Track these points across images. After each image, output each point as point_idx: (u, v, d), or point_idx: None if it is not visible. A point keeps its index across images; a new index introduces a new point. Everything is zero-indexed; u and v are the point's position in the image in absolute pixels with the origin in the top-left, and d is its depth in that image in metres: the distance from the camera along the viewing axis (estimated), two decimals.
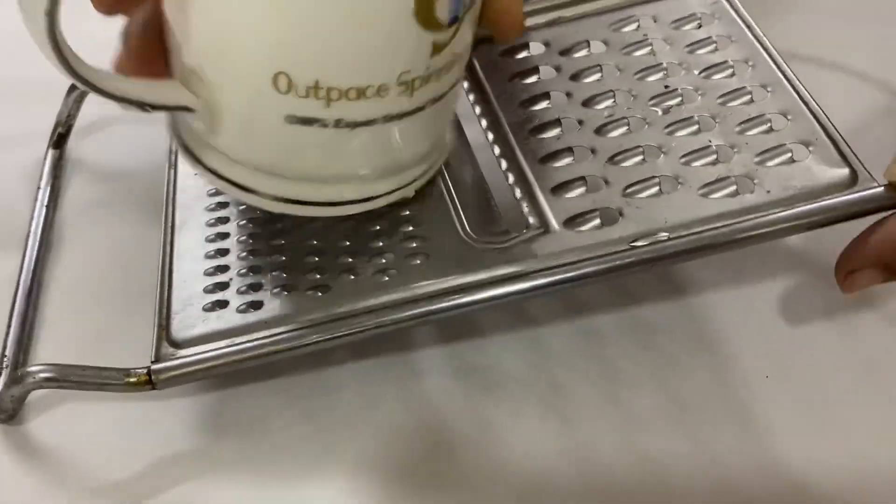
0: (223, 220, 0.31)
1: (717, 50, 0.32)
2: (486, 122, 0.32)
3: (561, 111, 0.31)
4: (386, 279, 0.28)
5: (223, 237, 0.31)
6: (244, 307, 0.28)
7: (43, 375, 0.27)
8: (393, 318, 0.27)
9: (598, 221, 0.28)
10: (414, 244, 0.29)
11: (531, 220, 0.29)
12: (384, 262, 0.29)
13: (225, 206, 0.32)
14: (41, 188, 0.35)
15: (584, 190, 0.29)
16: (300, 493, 0.27)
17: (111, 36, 0.26)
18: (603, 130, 0.31)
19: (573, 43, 0.33)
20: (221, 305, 0.28)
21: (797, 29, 0.40)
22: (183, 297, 0.29)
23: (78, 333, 0.31)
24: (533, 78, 0.33)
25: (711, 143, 0.29)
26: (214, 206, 0.32)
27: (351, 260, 0.29)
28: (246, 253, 0.30)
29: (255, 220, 0.31)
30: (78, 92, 0.37)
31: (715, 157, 0.29)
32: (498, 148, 0.31)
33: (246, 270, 0.29)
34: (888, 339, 0.30)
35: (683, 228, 0.27)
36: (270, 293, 0.29)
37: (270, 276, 0.29)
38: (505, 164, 0.30)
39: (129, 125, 0.38)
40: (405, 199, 0.29)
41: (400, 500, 0.27)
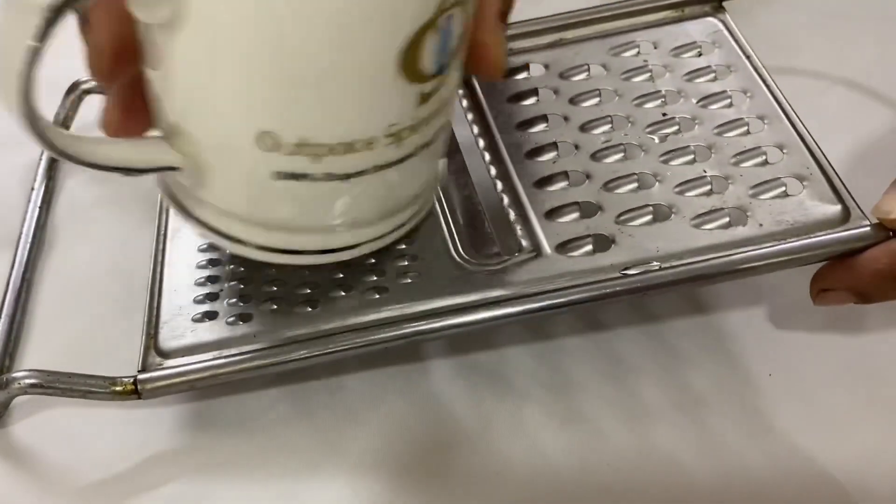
0: None
1: (716, 79, 0.32)
2: (483, 142, 0.32)
3: (558, 135, 0.32)
4: (377, 297, 0.28)
5: (216, 248, 0.31)
6: (233, 319, 0.28)
7: (28, 382, 0.27)
8: (381, 336, 0.27)
9: (590, 247, 0.28)
10: (406, 263, 0.29)
11: (524, 243, 0.29)
12: (376, 279, 0.29)
13: None
14: (35, 189, 0.35)
15: (577, 215, 0.29)
16: (301, 491, 0.27)
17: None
18: (599, 156, 0.31)
19: (573, 66, 0.34)
20: (210, 317, 0.28)
21: (796, 42, 0.40)
22: (172, 306, 0.29)
23: (66, 338, 0.31)
24: (531, 100, 0.33)
25: (706, 173, 0.30)
26: None
27: (342, 276, 0.29)
28: (237, 265, 0.30)
29: None
30: (76, 93, 0.37)
31: (709, 187, 0.29)
32: (494, 169, 0.31)
33: (236, 282, 0.29)
34: (890, 338, 0.30)
35: (675, 258, 0.27)
36: (260, 306, 0.28)
37: (261, 289, 0.29)
38: (500, 185, 0.30)
39: None
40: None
41: (403, 497, 0.27)
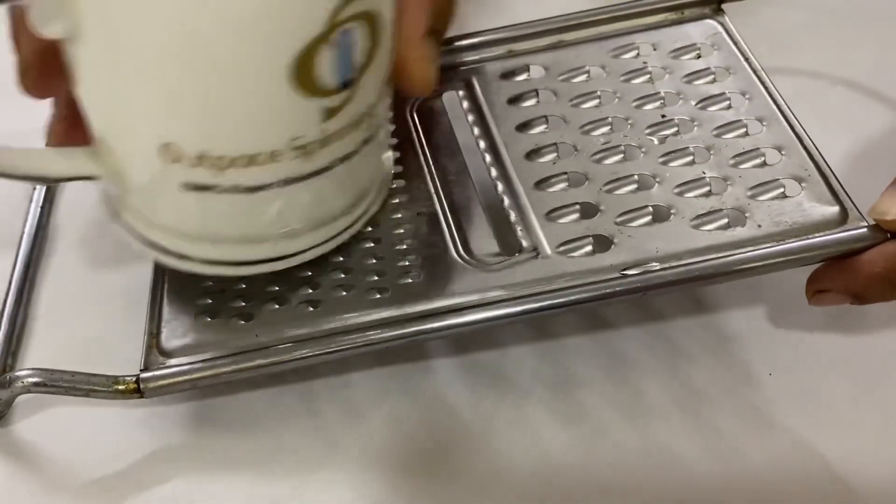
0: None
1: (714, 81, 0.33)
2: (483, 144, 0.32)
3: (558, 136, 0.32)
4: (378, 297, 0.28)
5: None
6: (235, 318, 0.28)
7: (31, 380, 0.27)
8: (382, 336, 0.27)
9: (590, 248, 0.28)
10: (407, 263, 0.29)
11: (524, 243, 0.29)
12: (377, 279, 0.29)
13: None
14: (37, 188, 0.35)
15: (577, 216, 0.29)
16: (303, 490, 0.27)
17: None
18: (598, 157, 0.31)
19: (573, 68, 0.34)
20: (213, 315, 0.29)
21: (794, 43, 0.40)
22: (175, 305, 0.29)
23: (68, 337, 0.31)
24: (532, 101, 0.33)
25: (705, 174, 0.30)
26: None
27: (344, 276, 0.29)
28: None
29: None
30: None
31: (708, 188, 0.29)
32: (494, 170, 0.31)
33: (238, 281, 0.30)
34: (890, 336, 0.31)
35: (674, 259, 0.28)
36: (262, 305, 0.29)
37: (262, 288, 0.29)
38: (501, 186, 0.31)
39: None
40: (402, 217, 0.30)
41: (405, 496, 0.27)
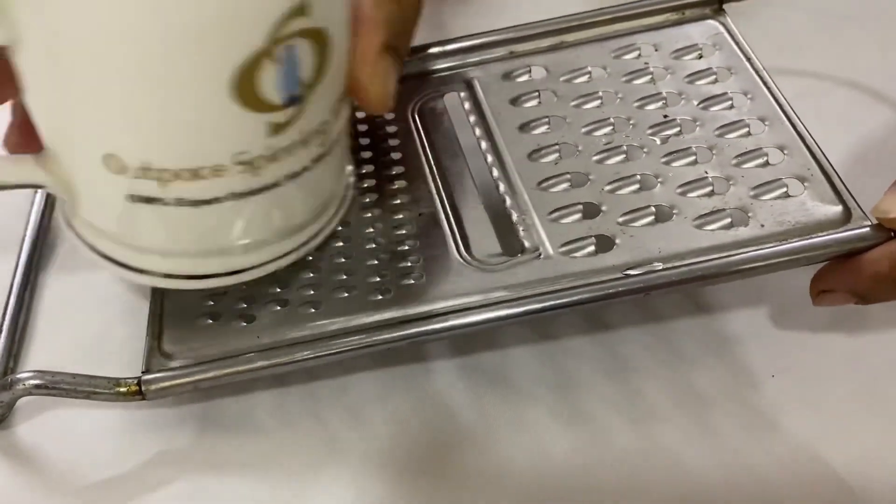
0: None
1: (716, 81, 0.33)
2: (485, 145, 0.32)
3: (560, 136, 0.32)
4: (380, 298, 0.28)
5: None
6: (237, 320, 0.28)
7: (32, 382, 0.27)
8: (384, 337, 0.27)
9: (592, 248, 0.28)
10: (409, 264, 0.29)
11: (526, 244, 0.29)
12: (378, 280, 0.29)
13: None
14: (38, 191, 0.35)
15: (580, 216, 0.29)
16: (305, 491, 0.27)
17: None
18: (600, 157, 0.31)
19: (574, 69, 0.34)
20: (214, 317, 0.29)
21: (796, 43, 0.40)
22: (176, 307, 0.29)
23: (70, 339, 0.31)
24: (533, 102, 0.33)
25: (708, 174, 0.30)
26: None
27: (345, 277, 0.29)
28: None
29: None
30: None
31: (711, 188, 0.29)
32: (496, 171, 0.31)
33: (240, 284, 0.29)
34: (893, 338, 0.30)
35: (677, 259, 0.27)
36: (263, 307, 0.29)
37: (264, 290, 0.29)
38: (503, 187, 0.31)
39: None
40: (403, 219, 0.30)
41: (407, 497, 0.27)
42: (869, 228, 0.27)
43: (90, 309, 0.32)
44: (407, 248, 0.30)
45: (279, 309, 0.28)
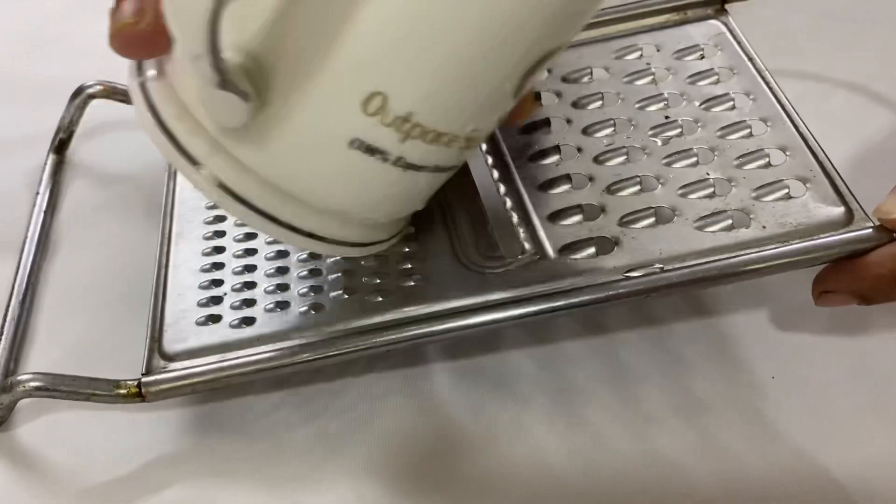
0: (220, 233, 0.31)
1: (718, 82, 0.32)
2: (485, 146, 0.32)
3: (561, 138, 0.32)
4: (380, 300, 0.28)
5: (219, 251, 0.31)
6: (237, 322, 0.28)
7: (33, 384, 0.27)
8: (384, 339, 0.27)
9: (593, 250, 0.28)
10: (409, 266, 0.29)
11: (527, 246, 0.29)
12: (379, 282, 0.29)
13: (222, 219, 0.32)
14: (40, 193, 0.35)
15: (580, 218, 0.29)
16: (304, 494, 0.27)
17: None
18: (602, 159, 0.31)
19: (576, 69, 0.34)
20: (215, 320, 0.29)
21: (798, 44, 0.40)
22: (176, 309, 0.29)
23: (70, 341, 0.31)
24: None
25: (709, 175, 0.30)
26: (212, 219, 0.32)
27: (345, 279, 0.29)
28: (241, 268, 0.30)
29: (251, 235, 0.31)
30: (81, 98, 0.37)
31: (712, 190, 0.29)
32: (497, 172, 0.31)
33: (240, 285, 0.30)
34: (894, 341, 0.30)
35: (678, 261, 0.27)
36: (264, 309, 0.29)
37: (264, 292, 0.29)
38: (503, 189, 0.31)
39: (130, 131, 0.38)
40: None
41: (406, 501, 0.27)
42: (871, 230, 0.27)
43: (91, 311, 0.32)
44: (407, 250, 0.30)
45: (279, 311, 0.28)
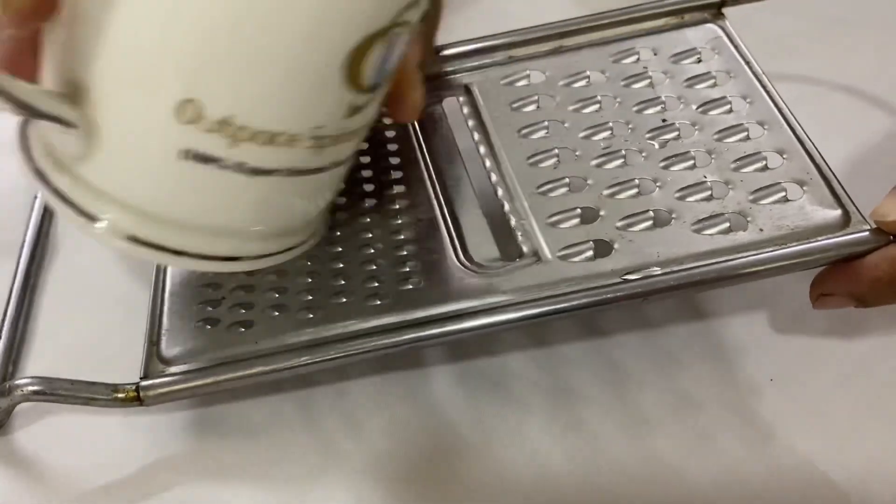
0: None
1: (715, 85, 0.32)
2: (483, 149, 0.32)
3: (558, 141, 0.32)
4: (378, 303, 0.28)
5: None
6: (235, 326, 0.28)
7: (31, 388, 0.27)
8: (382, 343, 0.27)
9: (591, 253, 0.28)
10: (407, 269, 0.29)
11: (525, 248, 0.29)
12: (377, 285, 0.29)
13: None
14: (38, 196, 0.35)
15: (578, 221, 0.29)
16: (303, 497, 0.27)
17: None
18: (599, 162, 0.31)
19: (573, 73, 0.34)
20: (213, 323, 0.29)
21: (795, 48, 0.40)
22: (175, 313, 0.29)
23: (69, 345, 0.31)
24: (532, 107, 0.33)
25: (706, 178, 0.30)
26: None
27: (344, 283, 0.29)
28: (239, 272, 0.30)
29: None
30: None
31: (709, 193, 0.29)
32: (494, 176, 0.31)
33: (238, 289, 0.30)
34: (890, 344, 0.30)
35: (675, 263, 0.27)
36: (262, 313, 0.29)
37: (262, 295, 0.29)
38: (501, 191, 0.31)
39: None
40: (401, 223, 0.30)
41: (405, 503, 0.27)
42: (868, 232, 0.27)
43: (89, 315, 0.32)
44: (405, 252, 0.30)
45: (277, 314, 0.28)
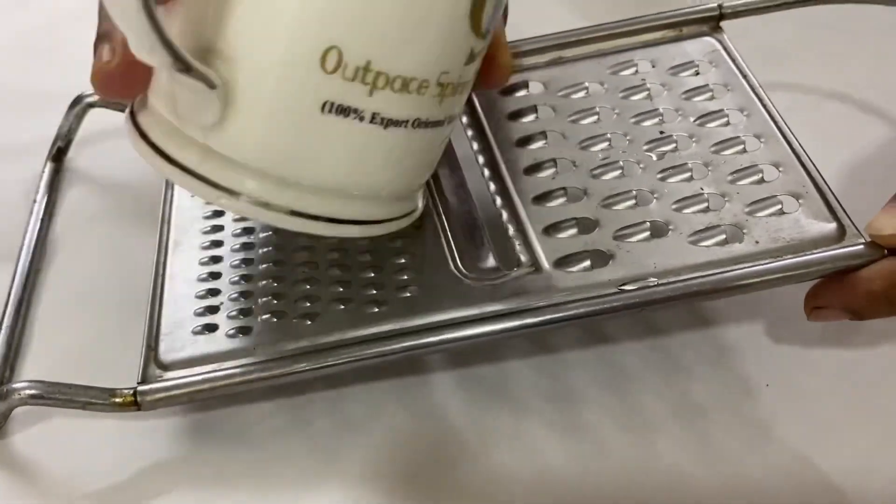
0: (217, 243, 0.32)
1: (713, 98, 0.33)
2: (482, 159, 0.32)
3: (557, 152, 0.32)
4: (376, 311, 0.28)
5: (216, 260, 0.31)
6: (233, 332, 0.28)
7: (28, 392, 0.27)
8: (380, 350, 0.27)
9: (588, 263, 0.29)
10: (405, 277, 0.29)
11: (522, 258, 0.29)
12: (375, 293, 0.29)
13: (220, 229, 0.32)
14: (37, 201, 0.36)
15: (575, 231, 0.29)
16: (301, 502, 0.27)
17: None
18: (597, 173, 0.31)
19: (572, 84, 0.34)
20: (211, 329, 0.29)
21: (792, 60, 0.41)
22: (173, 318, 0.29)
23: (66, 349, 0.31)
24: (531, 117, 0.33)
25: (703, 190, 0.30)
26: (210, 228, 0.32)
27: (342, 290, 0.29)
28: (238, 277, 0.30)
29: (248, 245, 0.31)
30: (80, 106, 0.38)
31: (706, 204, 0.29)
32: (493, 185, 0.31)
33: (237, 295, 0.30)
34: (885, 349, 0.31)
35: (672, 274, 0.28)
36: (260, 319, 0.29)
37: (261, 301, 0.29)
38: (499, 201, 0.31)
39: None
40: (400, 231, 0.30)
41: None
42: (863, 246, 0.27)
43: (87, 319, 0.32)
44: (403, 260, 0.30)
45: (275, 321, 0.29)
